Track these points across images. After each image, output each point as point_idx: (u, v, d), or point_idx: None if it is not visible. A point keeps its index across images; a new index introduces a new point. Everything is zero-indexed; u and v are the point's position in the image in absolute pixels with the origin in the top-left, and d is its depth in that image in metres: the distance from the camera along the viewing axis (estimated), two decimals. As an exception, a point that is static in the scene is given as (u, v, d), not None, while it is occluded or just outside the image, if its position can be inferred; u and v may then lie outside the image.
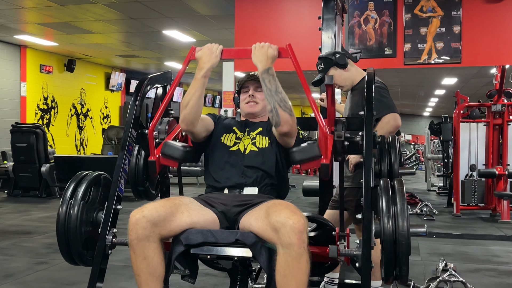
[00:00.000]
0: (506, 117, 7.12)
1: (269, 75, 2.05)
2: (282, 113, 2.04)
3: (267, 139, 2.26)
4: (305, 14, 5.61)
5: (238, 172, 2.19)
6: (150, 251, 1.84)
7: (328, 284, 3.03)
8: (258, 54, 2.07)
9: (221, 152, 2.26)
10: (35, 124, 8.61)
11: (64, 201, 2.05)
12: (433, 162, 12.80)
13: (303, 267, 1.73)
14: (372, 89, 2.14)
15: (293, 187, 9.45)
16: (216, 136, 2.31)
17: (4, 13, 8.00)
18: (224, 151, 2.26)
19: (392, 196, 1.83)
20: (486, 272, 3.98)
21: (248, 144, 2.26)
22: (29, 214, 6.62)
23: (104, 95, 13.66)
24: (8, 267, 3.90)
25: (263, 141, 2.25)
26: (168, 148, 2.16)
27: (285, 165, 2.27)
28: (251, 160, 2.21)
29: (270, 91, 2.05)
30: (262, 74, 2.06)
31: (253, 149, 2.24)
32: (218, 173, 2.23)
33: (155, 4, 7.37)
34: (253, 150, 2.24)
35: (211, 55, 2.10)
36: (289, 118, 2.06)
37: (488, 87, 9.54)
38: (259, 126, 2.31)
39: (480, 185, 7.13)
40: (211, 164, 2.27)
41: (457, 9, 5.35)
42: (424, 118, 25.75)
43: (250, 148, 2.25)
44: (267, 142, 2.25)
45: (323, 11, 3.05)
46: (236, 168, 2.20)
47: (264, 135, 2.27)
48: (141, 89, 2.30)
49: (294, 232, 1.71)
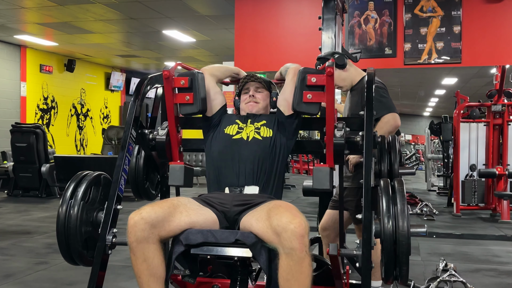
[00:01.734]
0: (506, 117, 7.12)
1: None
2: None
3: (271, 131, 2.27)
4: (305, 14, 5.61)
5: (239, 164, 2.19)
6: (150, 252, 1.84)
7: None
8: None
9: (224, 141, 2.28)
10: (35, 124, 8.61)
11: (64, 201, 2.05)
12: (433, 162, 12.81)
13: (305, 270, 1.74)
14: (372, 89, 2.14)
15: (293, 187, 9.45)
16: (220, 127, 2.33)
17: (4, 13, 8.00)
18: (226, 141, 2.27)
19: (392, 196, 1.83)
20: (486, 272, 3.98)
21: (251, 133, 2.27)
22: (29, 214, 6.62)
23: (104, 95, 13.66)
24: (8, 267, 3.90)
25: (267, 132, 2.27)
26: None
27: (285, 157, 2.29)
28: (254, 147, 2.22)
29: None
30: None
31: (256, 137, 2.25)
32: (219, 168, 2.23)
33: (155, 4, 7.37)
34: (257, 138, 2.25)
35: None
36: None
37: (488, 87, 9.54)
38: (263, 119, 2.34)
39: (480, 185, 7.13)
40: (214, 152, 2.29)
41: (457, 9, 5.35)
42: (424, 118, 25.75)
43: (254, 136, 2.26)
44: (271, 133, 2.27)
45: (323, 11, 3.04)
46: (237, 160, 2.20)
47: (268, 127, 2.29)
48: (141, 89, 2.30)
49: (296, 237, 1.71)
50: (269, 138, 2.25)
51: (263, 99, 2.41)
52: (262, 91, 2.42)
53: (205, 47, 10.57)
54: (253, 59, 5.60)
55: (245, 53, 5.67)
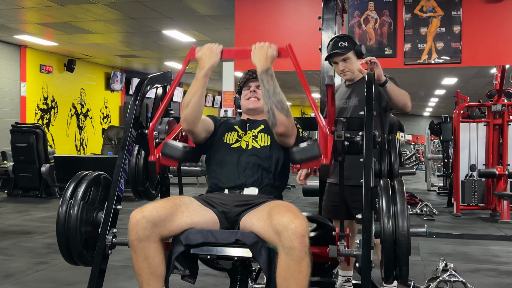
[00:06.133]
0: (506, 117, 7.11)
1: (267, 76, 2.05)
2: (278, 115, 2.04)
3: (269, 137, 2.26)
4: (305, 14, 5.61)
5: (238, 171, 2.19)
6: (151, 251, 1.84)
7: (346, 283, 3.01)
8: (257, 54, 2.07)
9: (223, 151, 2.26)
10: (35, 124, 8.62)
11: (64, 201, 2.05)
12: (433, 162, 12.80)
13: (304, 270, 1.74)
14: (372, 89, 2.15)
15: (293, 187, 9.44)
16: (218, 136, 2.32)
17: (4, 13, 8.00)
18: (225, 150, 2.26)
19: (392, 196, 1.83)
20: (486, 272, 3.98)
21: (249, 141, 2.26)
22: (29, 214, 6.62)
23: (104, 95, 13.66)
24: (8, 267, 3.90)
25: (264, 139, 2.25)
26: (168, 148, 2.16)
27: (287, 163, 2.27)
28: (252, 157, 2.21)
29: (268, 91, 2.04)
30: (261, 75, 2.06)
31: (255, 145, 2.24)
32: (219, 173, 2.23)
33: (155, 4, 7.37)
34: (255, 147, 2.24)
35: (211, 55, 2.10)
36: (285, 120, 2.06)
37: (488, 87, 9.53)
38: (261, 124, 2.31)
39: (480, 185, 7.13)
40: (213, 164, 2.28)
41: (457, 9, 5.35)
42: (424, 118, 25.74)
43: (252, 145, 2.25)
44: (269, 141, 2.25)
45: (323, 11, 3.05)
46: (236, 167, 2.20)
47: (266, 133, 2.27)
48: (141, 89, 2.30)
49: (296, 236, 1.72)
50: (267, 147, 2.23)
51: None
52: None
53: (205, 47, 10.56)
54: (253, 59, 5.59)
55: (245, 53, 5.66)
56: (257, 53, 2.07)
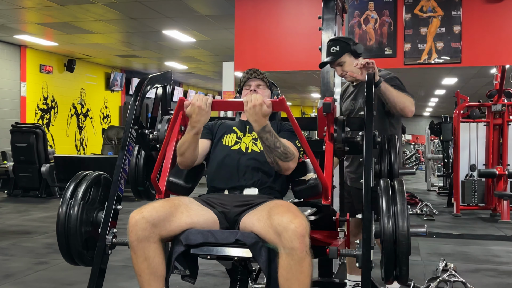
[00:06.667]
0: (506, 117, 7.12)
1: (266, 133, 2.01)
2: (283, 164, 2.10)
3: None
4: (305, 14, 5.60)
5: (238, 173, 2.19)
6: (151, 251, 1.84)
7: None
8: (252, 114, 1.96)
9: (222, 153, 2.26)
10: (35, 124, 8.62)
11: (64, 201, 2.05)
12: (433, 162, 12.79)
13: (305, 270, 1.74)
14: (372, 89, 2.15)
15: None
16: (217, 139, 2.33)
17: (4, 13, 7.99)
18: (225, 152, 2.26)
19: (392, 196, 1.83)
20: (486, 272, 3.98)
21: (249, 143, 2.27)
22: (29, 214, 6.62)
23: (104, 95, 13.66)
24: (8, 267, 3.90)
25: None
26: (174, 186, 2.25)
27: None
28: (252, 160, 2.21)
29: (269, 147, 2.05)
30: (259, 133, 2.02)
31: (254, 149, 2.25)
32: (218, 175, 2.23)
33: (155, 4, 7.37)
34: (255, 150, 2.24)
35: (201, 112, 1.98)
36: (291, 164, 2.13)
37: (488, 87, 9.54)
38: None
39: (480, 185, 7.13)
40: (212, 166, 2.28)
41: (457, 9, 5.34)
42: (424, 118, 25.73)
43: (252, 148, 2.25)
44: None
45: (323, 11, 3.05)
46: (236, 169, 2.20)
47: None
48: (141, 89, 2.30)
49: (297, 236, 1.72)
50: None
51: (265, 96, 2.40)
52: (263, 89, 2.40)
53: (205, 47, 10.57)
54: (253, 59, 5.59)
55: (245, 53, 5.66)
56: (251, 112, 1.96)
